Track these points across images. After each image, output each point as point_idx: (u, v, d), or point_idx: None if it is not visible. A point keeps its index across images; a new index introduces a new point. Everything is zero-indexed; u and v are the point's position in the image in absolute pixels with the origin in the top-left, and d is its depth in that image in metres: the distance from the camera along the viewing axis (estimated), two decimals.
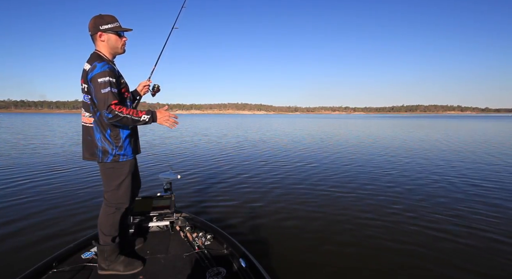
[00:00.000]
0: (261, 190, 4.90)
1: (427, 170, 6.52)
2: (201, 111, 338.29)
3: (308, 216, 3.70)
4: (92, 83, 1.73)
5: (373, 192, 4.74)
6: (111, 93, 1.71)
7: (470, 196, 4.52)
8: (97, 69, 1.72)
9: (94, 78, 1.71)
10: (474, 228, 3.33)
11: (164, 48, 2.49)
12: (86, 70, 1.79)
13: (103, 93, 1.69)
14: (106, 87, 1.70)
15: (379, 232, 3.22)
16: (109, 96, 1.69)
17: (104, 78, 1.71)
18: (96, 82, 1.70)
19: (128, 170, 1.96)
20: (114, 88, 1.75)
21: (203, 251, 2.17)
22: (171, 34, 2.52)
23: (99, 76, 1.71)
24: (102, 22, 1.83)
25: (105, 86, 1.70)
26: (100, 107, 1.71)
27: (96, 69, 1.72)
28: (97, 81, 1.70)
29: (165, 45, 2.48)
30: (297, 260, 2.65)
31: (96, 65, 1.73)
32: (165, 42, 2.48)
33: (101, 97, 1.69)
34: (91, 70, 1.74)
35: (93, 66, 1.74)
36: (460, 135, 16.76)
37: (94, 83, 1.71)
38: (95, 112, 1.81)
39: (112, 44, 1.88)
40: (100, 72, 1.71)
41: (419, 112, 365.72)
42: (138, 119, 1.77)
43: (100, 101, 1.70)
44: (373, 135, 16.99)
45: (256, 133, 18.82)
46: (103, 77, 1.71)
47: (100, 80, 1.70)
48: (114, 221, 1.97)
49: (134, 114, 1.75)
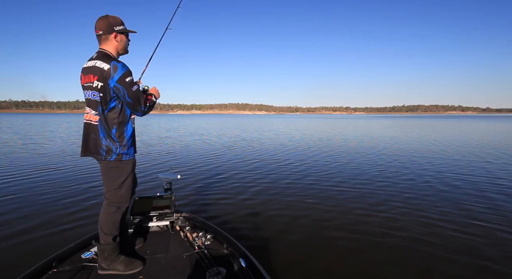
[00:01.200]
0: (261, 189, 4.90)
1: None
2: (201, 112, 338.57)
3: (309, 216, 3.70)
4: (121, 84, 1.79)
5: (381, 192, 4.74)
6: (139, 90, 1.87)
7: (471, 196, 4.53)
8: (120, 69, 1.79)
9: (122, 79, 1.79)
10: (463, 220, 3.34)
11: (157, 48, 2.45)
12: (102, 69, 1.78)
13: (134, 91, 1.82)
14: (134, 85, 1.84)
15: (385, 232, 3.22)
16: (139, 93, 1.86)
17: (130, 77, 1.82)
18: (126, 82, 1.79)
19: (131, 169, 1.98)
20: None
21: (203, 251, 2.16)
22: (164, 34, 2.49)
23: (125, 76, 1.80)
24: (117, 23, 1.88)
25: (134, 85, 1.84)
26: (136, 105, 1.85)
27: (120, 70, 1.79)
28: (126, 81, 1.80)
29: (158, 46, 2.45)
30: (297, 260, 2.65)
31: (118, 66, 1.79)
32: (158, 43, 2.45)
33: (135, 95, 1.83)
34: (115, 71, 1.77)
35: (114, 66, 1.77)
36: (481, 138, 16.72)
37: (124, 83, 1.79)
38: (103, 110, 1.83)
39: (123, 45, 1.96)
40: (126, 72, 1.81)
41: (420, 112, 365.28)
42: (154, 101, 2.01)
43: (135, 99, 1.83)
44: (382, 139, 16.96)
45: (256, 133, 18.82)
46: (129, 77, 1.82)
47: (127, 79, 1.80)
48: (115, 220, 1.98)
49: (151, 99, 1.98)
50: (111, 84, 1.78)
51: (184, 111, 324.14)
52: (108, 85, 1.78)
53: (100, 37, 1.88)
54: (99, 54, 1.86)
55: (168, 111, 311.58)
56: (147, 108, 1.91)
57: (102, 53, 1.87)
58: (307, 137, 15.32)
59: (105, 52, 1.88)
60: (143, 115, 1.94)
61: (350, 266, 2.56)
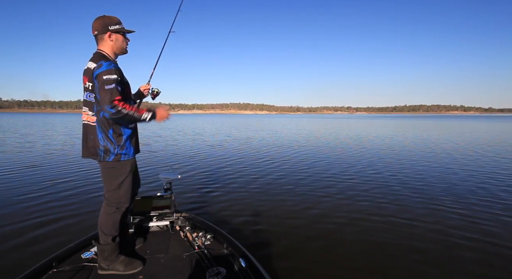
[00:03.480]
0: (261, 189, 4.90)
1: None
2: (203, 111, 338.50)
3: (309, 216, 3.69)
4: (96, 80, 1.74)
5: (377, 195, 4.73)
6: (116, 90, 1.73)
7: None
8: (103, 67, 1.74)
9: (100, 75, 1.73)
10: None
11: (162, 52, 2.49)
12: (91, 69, 1.78)
13: (107, 89, 1.70)
14: (111, 84, 1.72)
15: (385, 233, 3.22)
16: (113, 91, 1.71)
17: (110, 75, 1.73)
18: (102, 79, 1.72)
19: (129, 169, 1.97)
20: (119, 86, 1.77)
21: (203, 251, 2.16)
22: (168, 38, 2.53)
23: (104, 73, 1.72)
24: (111, 22, 1.86)
25: (110, 83, 1.72)
26: (103, 102, 1.71)
27: (102, 67, 1.74)
28: (103, 78, 1.72)
29: (163, 49, 2.49)
30: (298, 260, 2.64)
31: (103, 64, 1.75)
32: (163, 46, 2.49)
33: (106, 93, 1.70)
34: (97, 68, 1.75)
35: (99, 65, 1.75)
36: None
37: (99, 79, 1.73)
38: (98, 111, 1.82)
39: (119, 45, 1.92)
40: (106, 70, 1.74)
41: (422, 112, 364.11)
42: (139, 117, 1.82)
43: (104, 97, 1.70)
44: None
45: (256, 133, 18.81)
46: (108, 75, 1.72)
47: (105, 77, 1.71)
48: (114, 220, 1.97)
49: (136, 112, 1.79)
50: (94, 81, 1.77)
51: (186, 111, 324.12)
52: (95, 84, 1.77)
53: (97, 38, 1.88)
54: (94, 55, 1.86)
55: (169, 111, 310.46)
56: (116, 111, 1.70)
57: (97, 54, 1.86)
58: (307, 138, 15.30)
59: (100, 52, 1.87)
60: (111, 117, 1.73)
61: (351, 266, 2.55)
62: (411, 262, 2.63)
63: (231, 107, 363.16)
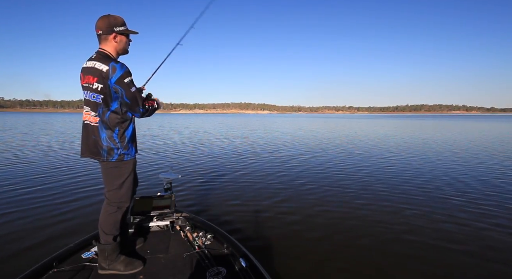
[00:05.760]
0: (261, 189, 4.89)
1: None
2: (204, 111, 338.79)
3: (309, 215, 3.69)
4: (119, 85, 1.78)
5: (381, 192, 4.71)
6: (138, 92, 1.85)
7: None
8: (119, 70, 1.77)
9: (121, 80, 1.77)
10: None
11: (165, 61, 2.47)
12: (100, 70, 1.77)
13: (132, 92, 1.81)
14: (133, 87, 1.82)
15: (386, 233, 3.20)
16: (137, 94, 1.84)
17: (128, 77, 1.80)
18: (124, 83, 1.78)
19: (132, 169, 1.99)
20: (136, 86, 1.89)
21: (203, 250, 2.16)
22: (174, 49, 2.50)
23: (124, 77, 1.78)
24: (117, 23, 1.86)
25: (132, 86, 1.82)
26: (135, 105, 1.84)
27: (118, 71, 1.77)
28: (124, 82, 1.78)
29: (166, 59, 2.46)
30: (298, 259, 2.64)
31: (116, 67, 1.77)
32: (167, 56, 2.47)
33: (133, 96, 1.81)
34: (113, 72, 1.76)
35: (113, 67, 1.76)
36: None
37: (122, 84, 1.78)
38: (104, 112, 1.82)
39: (123, 46, 1.95)
40: (124, 72, 1.79)
41: (424, 112, 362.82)
42: (155, 109, 2.01)
43: (133, 100, 1.82)
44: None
45: (256, 132, 18.80)
46: (127, 77, 1.80)
47: (126, 80, 1.79)
48: (115, 220, 1.98)
49: (152, 105, 1.97)
50: (110, 85, 1.78)
51: (187, 111, 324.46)
52: (108, 86, 1.77)
53: (100, 37, 1.87)
54: (98, 55, 1.85)
55: (170, 111, 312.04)
56: (145, 110, 1.90)
57: (101, 53, 1.86)
58: (307, 137, 15.28)
59: (104, 52, 1.87)
60: (141, 117, 1.92)
61: (352, 267, 2.54)
62: (416, 264, 2.62)
63: (232, 107, 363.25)
